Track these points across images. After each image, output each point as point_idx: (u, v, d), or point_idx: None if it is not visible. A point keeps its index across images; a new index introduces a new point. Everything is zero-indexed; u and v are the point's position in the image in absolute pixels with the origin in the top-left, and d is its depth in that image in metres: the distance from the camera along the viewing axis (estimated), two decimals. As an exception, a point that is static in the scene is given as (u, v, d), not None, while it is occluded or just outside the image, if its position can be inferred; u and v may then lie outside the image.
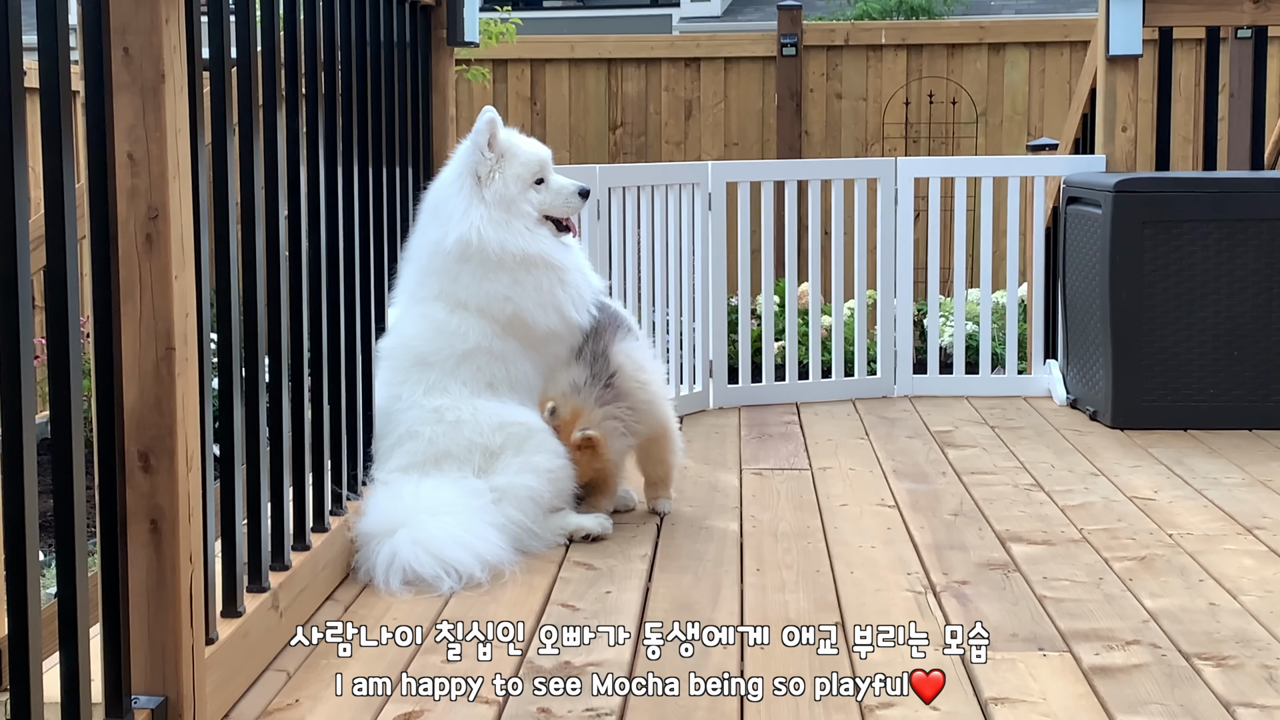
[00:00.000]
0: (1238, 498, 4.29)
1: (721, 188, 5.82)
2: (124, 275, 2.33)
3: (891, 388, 6.14)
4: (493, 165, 3.90)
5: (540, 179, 3.97)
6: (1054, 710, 2.68)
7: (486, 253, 3.85)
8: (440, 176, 4.05)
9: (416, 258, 3.98)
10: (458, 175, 3.95)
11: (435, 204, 3.98)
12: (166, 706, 2.42)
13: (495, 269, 3.86)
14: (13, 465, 1.97)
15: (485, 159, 3.90)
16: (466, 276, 3.87)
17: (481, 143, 3.90)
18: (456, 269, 3.87)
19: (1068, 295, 5.83)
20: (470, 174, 3.91)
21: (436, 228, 3.93)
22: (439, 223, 3.93)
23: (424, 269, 3.94)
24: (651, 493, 4.20)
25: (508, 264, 3.86)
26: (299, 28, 3.29)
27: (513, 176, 3.92)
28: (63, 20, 2.08)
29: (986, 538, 3.89)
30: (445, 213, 3.92)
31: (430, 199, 4.02)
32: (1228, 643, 3.04)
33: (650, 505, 4.18)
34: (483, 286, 3.86)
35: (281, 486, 3.11)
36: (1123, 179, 5.32)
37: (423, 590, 3.40)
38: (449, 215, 3.91)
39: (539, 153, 4.01)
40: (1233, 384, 5.28)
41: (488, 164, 3.90)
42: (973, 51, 8.94)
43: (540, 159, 4.00)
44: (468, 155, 3.94)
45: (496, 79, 8.95)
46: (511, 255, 3.86)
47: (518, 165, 3.94)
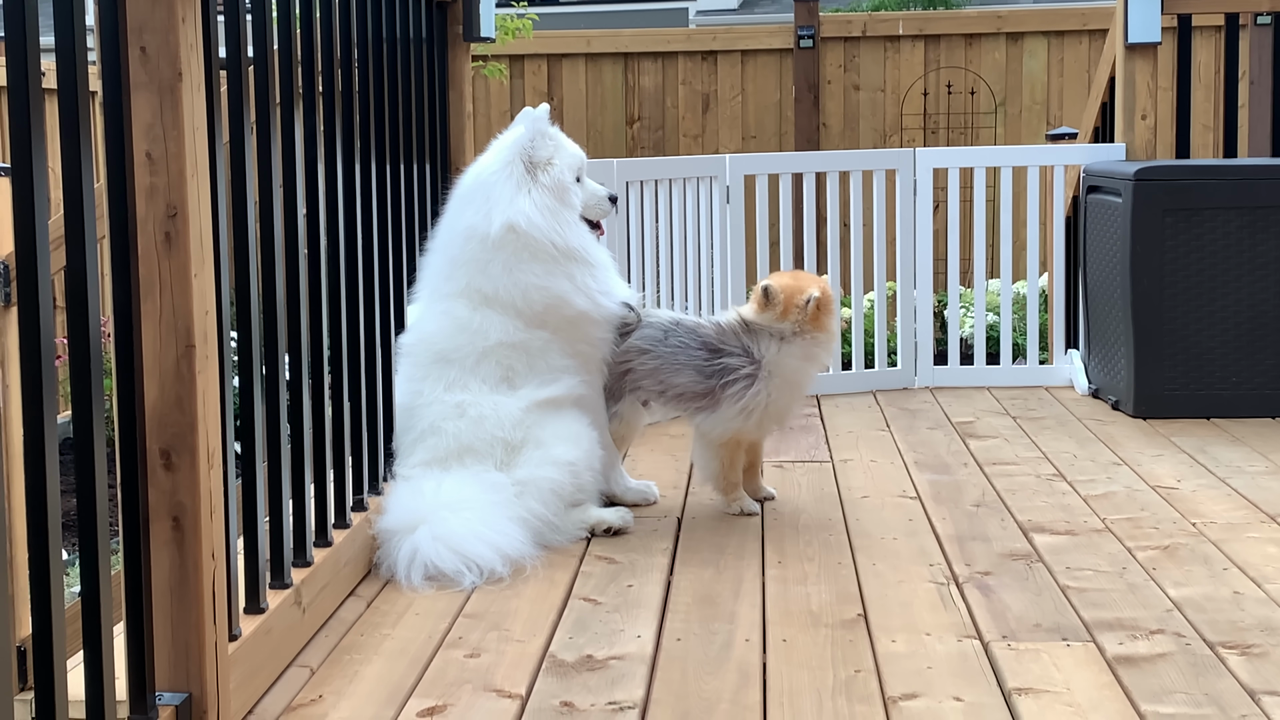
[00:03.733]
0: (1261, 486, 4.27)
1: (739, 180, 5.81)
2: (143, 274, 2.34)
3: (912, 379, 6.13)
4: (551, 153, 3.91)
5: (578, 178, 3.99)
6: (1078, 700, 2.67)
7: (533, 238, 3.82)
8: (482, 162, 4.00)
9: (445, 246, 3.94)
10: (506, 162, 3.91)
11: (476, 188, 3.92)
12: (190, 703, 2.43)
13: (531, 259, 3.82)
14: (35, 465, 1.98)
15: (546, 145, 3.90)
16: (498, 266, 3.82)
17: (544, 129, 3.91)
18: (490, 256, 3.83)
19: (1089, 284, 5.81)
20: (520, 161, 3.89)
21: (474, 212, 3.88)
22: (479, 207, 3.87)
23: (452, 259, 3.90)
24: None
25: (548, 254, 3.83)
26: (315, 25, 3.30)
27: (564, 167, 3.92)
28: (80, 20, 2.08)
29: (1009, 528, 3.88)
30: (490, 197, 3.87)
31: (469, 184, 3.96)
32: (1252, 631, 3.03)
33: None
34: (514, 276, 3.82)
35: (303, 483, 3.12)
36: (1143, 167, 5.30)
37: (444, 586, 3.40)
38: (494, 200, 3.86)
39: (578, 151, 4.03)
40: (1255, 372, 5.26)
41: (547, 151, 3.90)
42: (991, 41, 8.90)
43: (582, 157, 4.03)
44: (521, 141, 3.91)
45: (513, 75, 8.96)
46: (555, 245, 3.84)
47: (566, 159, 3.95)
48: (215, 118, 2.54)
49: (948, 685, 2.75)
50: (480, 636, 3.08)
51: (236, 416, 2.97)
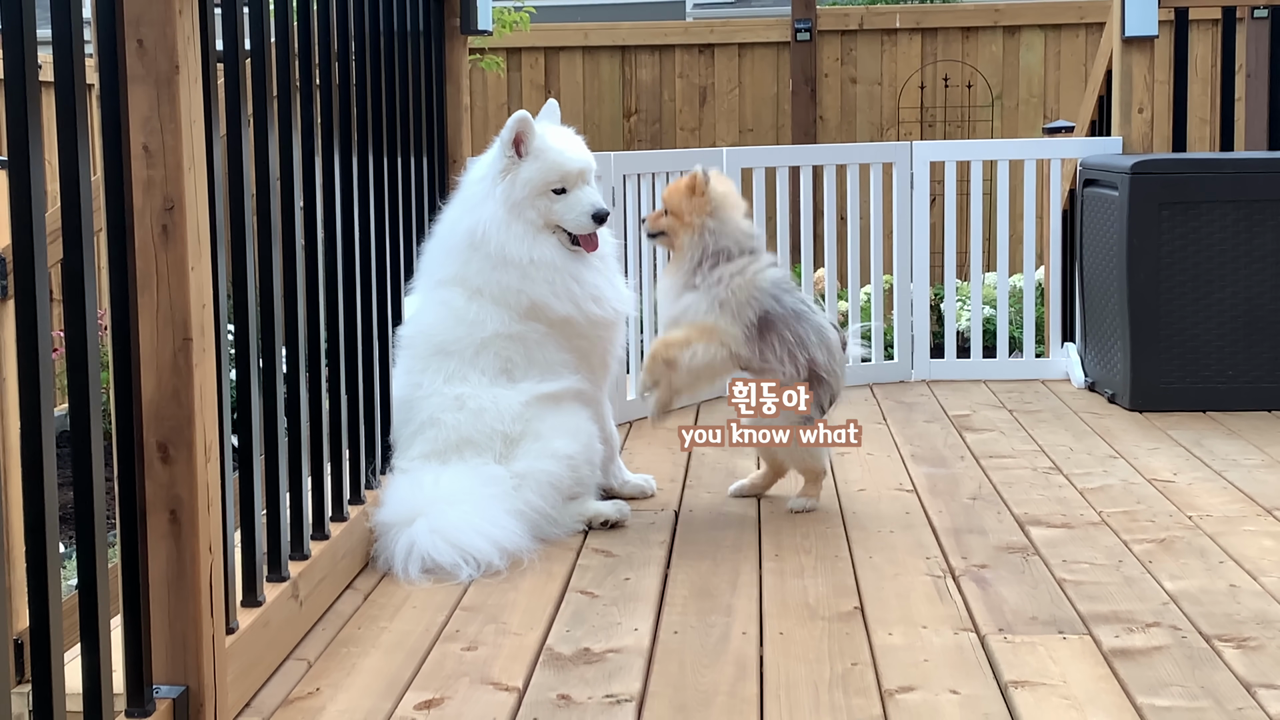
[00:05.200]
0: (1257, 479, 4.28)
1: (736, 174, 5.80)
2: (141, 267, 2.34)
3: (909, 372, 6.14)
4: (507, 166, 3.88)
5: (561, 189, 3.89)
6: (1074, 693, 2.67)
7: (489, 249, 3.85)
8: (481, 158, 4.03)
9: (440, 234, 4.00)
10: (490, 163, 3.95)
11: (466, 185, 4.00)
12: (188, 696, 2.43)
13: (503, 264, 3.85)
14: (32, 458, 1.98)
15: (503, 158, 3.89)
16: (476, 265, 3.87)
17: (507, 139, 3.88)
18: (468, 255, 3.88)
19: (1085, 278, 5.82)
20: (498, 167, 3.91)
21: (457, 209, 3.97)
22: (461, 205, 3.96)
23: (446, 247, 3.95)
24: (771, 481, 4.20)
25: (511, 262, 3.85)
26: (312, 18, 3.29)
27: (523, 180, 3.85)
28: (77, 13, 2.08)
29: (1005, 521, 3.88)
30: (467, 197, 3.94)
31: (466, 178, 4.03)
32: (1248, 624, 3.03)
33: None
34: (494, 276, 3.85)
35: (300, 476, 3.12)
36: (1139, 160, 5.30)
37: (442, 579, 3.41)
38: (469, 202, 3.93)
39: (564, 162, 3.89)
40: (1251, 365, 5.26)
41: (503, 163, 3.89)
42: (988, 34, 8.90)
43: (562, 169, 3.88)
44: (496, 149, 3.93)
45: (510, 68, 8.95)
46: (508, 257, 3.84)
47: (533, 170, 3.86)
48: (212, 110, 2.53)
49: (944, 678, 2.76)
50: (477, 629, 3.08)
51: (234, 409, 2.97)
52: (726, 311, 3.86)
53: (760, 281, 3.89)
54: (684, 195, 3.95)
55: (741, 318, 3.86)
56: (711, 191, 3.92)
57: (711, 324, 3.87)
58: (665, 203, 4.02)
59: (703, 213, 3.91)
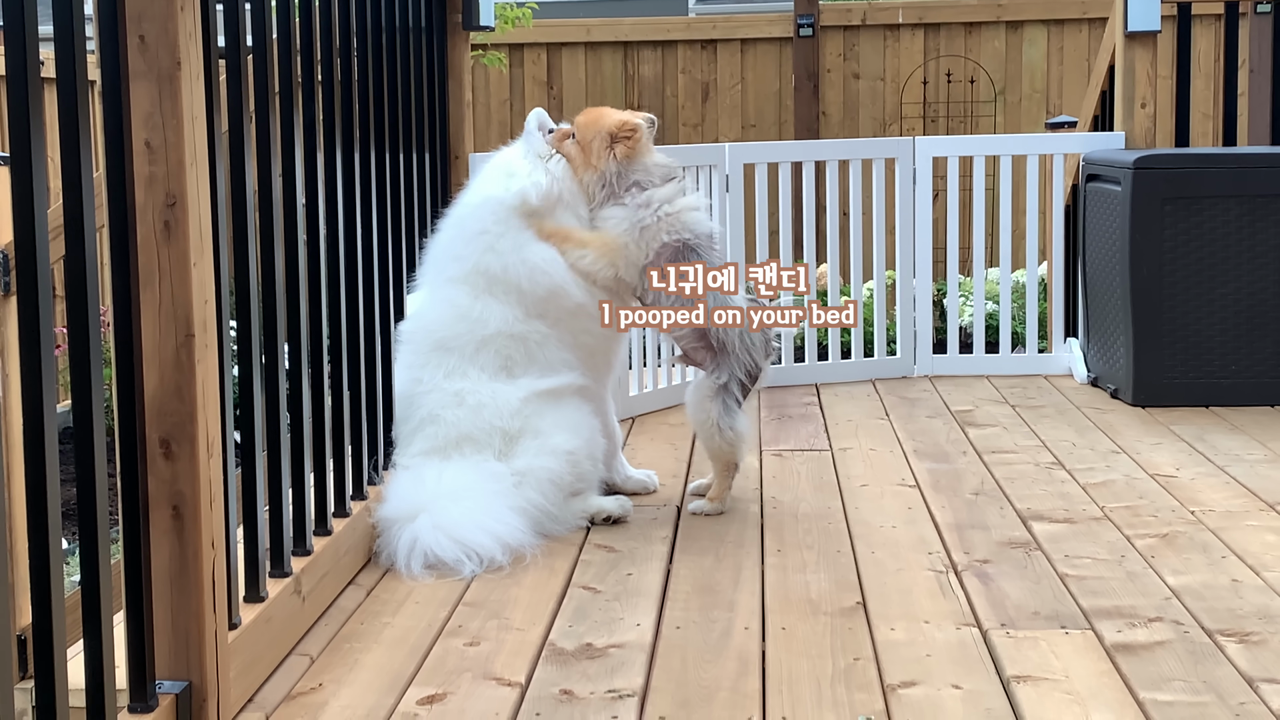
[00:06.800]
0: (1260, 474, 4.27)
1: (739, 169, 5.80)
2: (143, 263, 2.34)
3: (911, 368, 6.13)
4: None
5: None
6: (1077, 688, 2.67)
7: (550, 203, 3.88)
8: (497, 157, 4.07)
9: (457, 220, 3.96)
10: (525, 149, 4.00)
11: (493, 167, 4.01)
12: (191, 692, 2.43)
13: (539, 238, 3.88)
14: (35, 454, 1.98)
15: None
16: (508, 241, 3.85)
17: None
18: (502, 229, 3.85)
19: (1088, 273, 5.81)
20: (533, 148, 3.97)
21: (493, 183, 3.94)
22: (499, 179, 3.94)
23: (462, 235, 3.91)
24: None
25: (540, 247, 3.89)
26: (314, 14, 3.29)
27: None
28: (78, 9, 2.08)
29: (1008, 516, 3.88)
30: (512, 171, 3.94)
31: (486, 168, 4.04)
32: (1250, 619, 3.03)
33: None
34: (523, 254, 3.85)
35: (303, 472, 3.12)
36: (1142, 156, 5.30)
37: (444, 574, 3.41)
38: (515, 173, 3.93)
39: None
40: (1254, 360, 5.26)
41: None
42: (990, 30, 8.90)
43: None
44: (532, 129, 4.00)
45: (513, 64, 8.95)
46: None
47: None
48: (214, 107, 2.54)
49: (947, 673, 2.76)
50: (480, 625, 3.09)
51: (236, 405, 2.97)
52: (644, 238, 3.87)
53: (690, 223, 3.91)
54: (604, 141, 3.93)
55: (651, 247, 3.87)
56: (640, 147, 3.95)
57: (621, 244, 3.88)
58: (577, 133, 3.98)
59: (617, 160, 3.91)
